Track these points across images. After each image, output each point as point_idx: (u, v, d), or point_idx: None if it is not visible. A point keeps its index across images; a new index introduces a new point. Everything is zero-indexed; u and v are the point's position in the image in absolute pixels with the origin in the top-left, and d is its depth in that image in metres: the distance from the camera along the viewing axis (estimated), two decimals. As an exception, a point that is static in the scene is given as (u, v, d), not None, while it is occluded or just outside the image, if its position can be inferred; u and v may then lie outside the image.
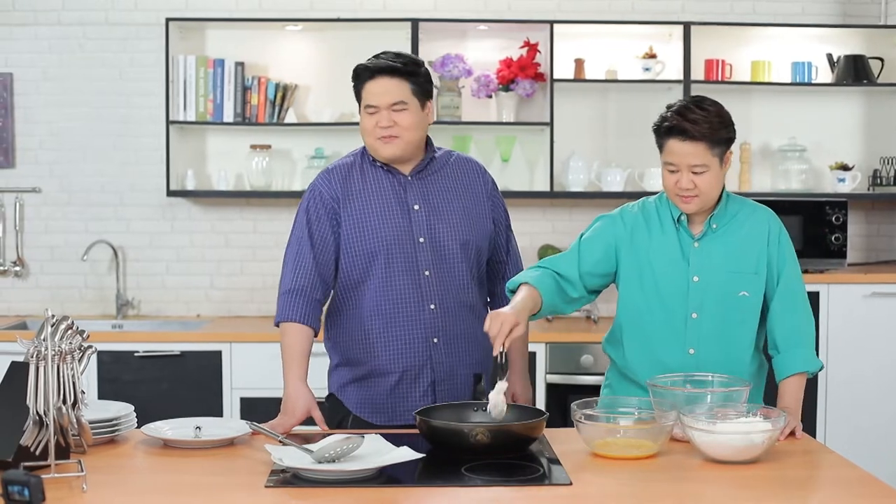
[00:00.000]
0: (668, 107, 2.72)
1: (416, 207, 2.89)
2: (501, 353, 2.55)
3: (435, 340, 2.88)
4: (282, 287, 2.88)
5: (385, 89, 2.82)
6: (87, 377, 4.36)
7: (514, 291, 2.75)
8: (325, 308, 2.94)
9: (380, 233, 2.86)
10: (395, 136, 2.83)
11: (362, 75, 2.86)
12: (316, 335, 2.86)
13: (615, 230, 2.81)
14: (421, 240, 2.87)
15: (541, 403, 4.46)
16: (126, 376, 4.46)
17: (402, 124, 2.82)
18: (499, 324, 2.54)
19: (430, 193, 2.91)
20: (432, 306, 2.87)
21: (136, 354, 4.47)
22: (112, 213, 5.07)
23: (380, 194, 2.89)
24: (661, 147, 2.71)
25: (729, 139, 2.70)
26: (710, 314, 2.73)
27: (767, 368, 2.85)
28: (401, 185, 2.90)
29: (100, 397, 4.28)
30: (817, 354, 2.76)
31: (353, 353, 2.91)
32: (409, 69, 2.84)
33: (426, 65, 2.94)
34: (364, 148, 2.94)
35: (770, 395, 2.79)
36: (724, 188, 2.77)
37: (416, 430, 2.53)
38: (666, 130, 2.68)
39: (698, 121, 2.64)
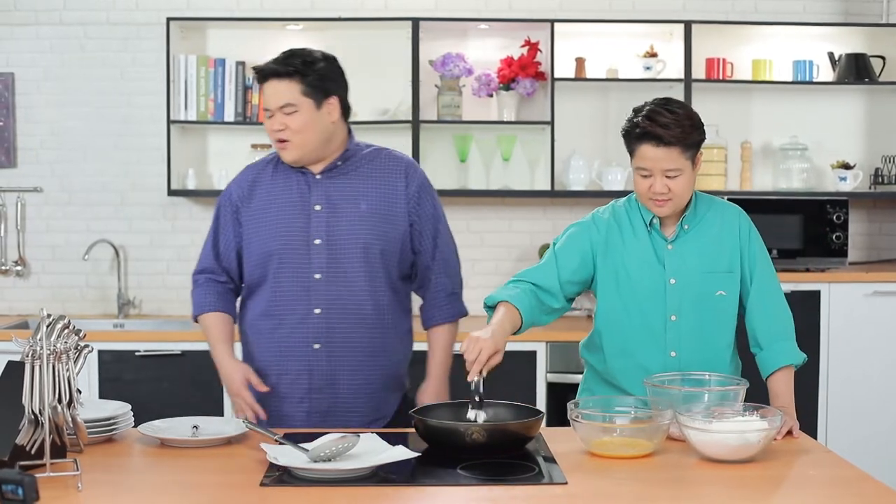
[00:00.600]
0: (636, 111, 2.66)
1: (318, 208, 2.82)
2: (478, 381, 2.46)
3: (316, 346, 2.81)
4: (192, 284, 2.96)
5: (274, 92, 2.78)
6: (88, 376, 4.37)
7: (491, 307, 2.69)
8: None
9: (274, 233, 2.82)
10: (286, 139, 2.78)
11: (258, 79, 2.83)
12: (235, 321, 2.92)
13: (590, 236, 2.77)
14: (317, 241, 2.81)
15: (540, 403, 4.46)
16: (127, 375, 4.46)
17: (293, 126, 2.77)
18: (477, 350, 2.45)
19: (335, 193, 2.84)
20: (317, 311, 2.80)
21: (137, 354, 4.47)
22: (113, 212, 5.08)
23: (283, 194, 2.85)
24: (631, 152, 2.67)
25: (700, 141, 2.66)
26: (688, 316, 2.72)
27: (741, 368, 2.85)
28: (307, 184, 2.85)
29: (101, 396, 4.28)
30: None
31: (247, 353, 2.94)
32: (297, 70, 2.76)
33: (335, 61, 2.85)
34: None
35: (747, 394, 2.76)
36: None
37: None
38: (637, 136, 2.63)
39: (670, 125, 2.59)
